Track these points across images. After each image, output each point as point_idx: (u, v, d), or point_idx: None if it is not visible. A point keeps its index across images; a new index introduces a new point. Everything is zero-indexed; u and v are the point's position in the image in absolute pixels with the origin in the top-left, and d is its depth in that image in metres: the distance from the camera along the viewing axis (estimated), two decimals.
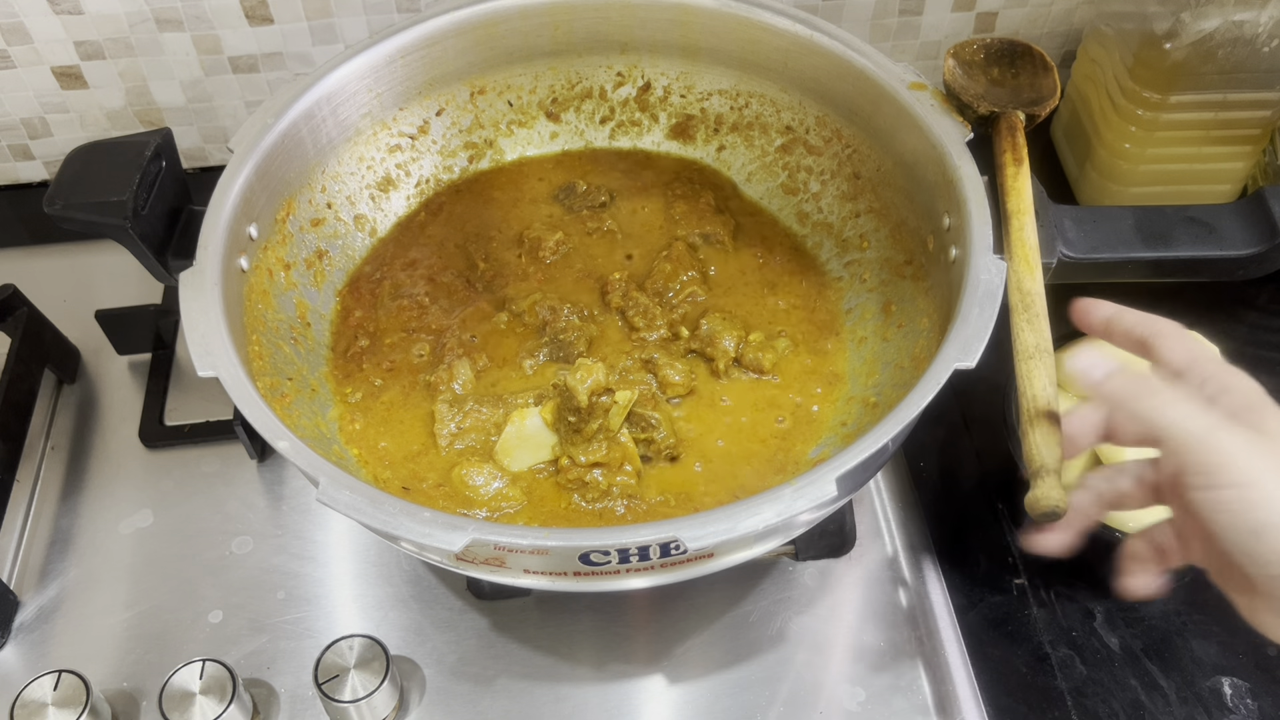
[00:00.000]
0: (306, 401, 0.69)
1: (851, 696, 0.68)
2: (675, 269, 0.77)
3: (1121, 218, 0.70)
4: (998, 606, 0.72)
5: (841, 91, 0.76)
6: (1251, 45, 0.79)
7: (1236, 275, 0.70)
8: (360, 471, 0.68)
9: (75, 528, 0.77)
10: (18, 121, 0.95)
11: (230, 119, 0.98)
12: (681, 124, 0.86)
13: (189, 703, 0.63)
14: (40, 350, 0.82)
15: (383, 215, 0.81)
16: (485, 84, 0.83)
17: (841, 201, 0.79)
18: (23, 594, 0.73)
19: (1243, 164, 0.89)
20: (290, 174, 0.74)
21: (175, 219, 0.68)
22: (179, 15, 0.88)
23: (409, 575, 0.74)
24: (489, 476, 0.67)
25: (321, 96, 0.74)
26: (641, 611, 0.72)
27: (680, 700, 0.68)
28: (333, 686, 0.63)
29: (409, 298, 0.77)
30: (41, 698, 0.63)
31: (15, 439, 0.77)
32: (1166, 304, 0.78)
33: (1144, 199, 0.88)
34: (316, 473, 0.54)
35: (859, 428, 0.68)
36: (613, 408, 0.66)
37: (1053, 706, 0.67)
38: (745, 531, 0.51)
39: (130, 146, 0.67)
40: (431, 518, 0.52)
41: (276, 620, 0.72)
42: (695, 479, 0.67)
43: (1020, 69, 0.75)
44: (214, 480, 0.79)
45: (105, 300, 0.84)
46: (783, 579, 0.73)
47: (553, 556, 0.55)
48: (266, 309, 0.70)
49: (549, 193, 0.84)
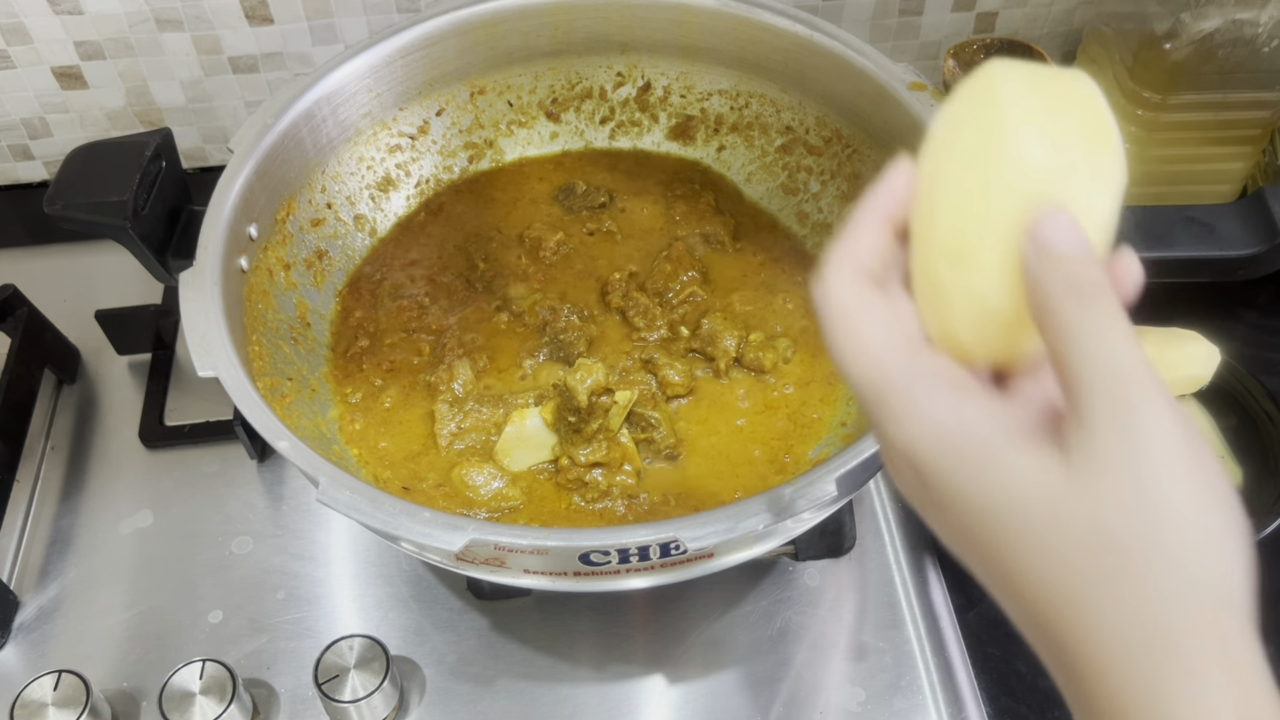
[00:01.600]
0: (306, 401, 0.69)
1: (851, 696, 0.68)
2: (675, 269, 0.77)
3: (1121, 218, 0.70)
4: (998, 606, 0.72)
5: (842, 92, 0.76)
6: (1251, 45, 0.79)
7: (1236, 275, 0.71)
8: (360, 471, 0.68)
9: (75, 528, 0.77)
10: (18, 121, 0.95)
11: (230, 119, 0.98)
12: (681, 124, 0.86)
13: (189, 703, 0.63)
14: (40, 350, 0.82)
15: (383, 215, 0.81)
16: (485, 84, 0.83)
17: (841, 201, 0.79)
18: (23, 594, 0.73)
19: (1243, 164, 0.89)
20: (290, 174, 0.74)
21: (175, 219, 0.68)
22: (179, 15, 0.88)
23: (409, 575, 0.74)
24: (489, 476, 0.67)
25: (321, 96, 0.74)
26: (641, 611, 0.72)
27: (680, 700, 0.68)
28: (333, 686, 0.63)
29: (409, 298, 0.77)
30: (41, 698, 0.63)
31: (15, 439, 0.77)
32: (1166, 304, 0.79)
33: (1144, 199, 0.88)
34: (316, 473, 0.54)
35: (859, 428, 0.68)
36: (613, 408, 0.66)
37: (1053, 706, 0.67)
38: (745, 531, 0.51)
39: (130, 146, 0.67)
40: (431, 518, 0.52)
41: (276, 620, 0.72)
42: (695, 479, 0.67)
43: None
44: (214, 480, 0.79)
45: (105, 300, 0.84)
46: (783, 579, 0.73)
47: (553, 556, 0.55)
48: (266, 309, 0.70)
49: (549, 193, 0.84)
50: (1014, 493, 0.33)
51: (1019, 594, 0.35)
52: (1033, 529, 0.33)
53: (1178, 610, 0.31)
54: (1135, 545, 0.31)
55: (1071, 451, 0.32)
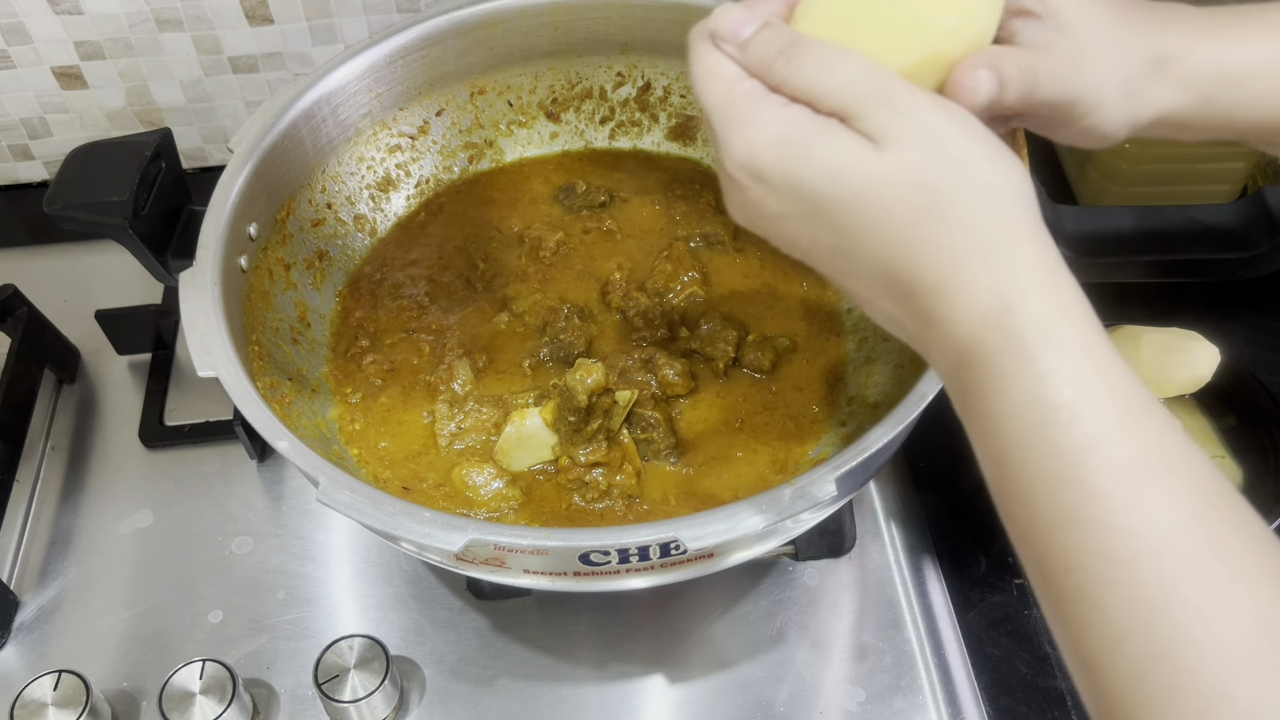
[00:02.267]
0: (306, 401, 0.69)
1: (851, 696, 0.68)
2: (675, 269, 0.77)
3: (1121, 218, 0.70)
4: (998, 606, 0.72)
5: None
6: None
7: (1236, 275, 0.71)
8: (360, 471, 0.68)
9: (75, 528, 0.77)
10: (18, 121, 0.95)
11: (230, 119, 0.98)
12: (682, 124, 0.86)
13: (189, 703, 0.63)
14: (40, 350, 0.82)
15: (383, 215, 0.81)
16: (485, 84, 0.83)
17: None
18: (23, 594, 0.73)
19: (1243, 164, 0.89)
20: (290, 174, 0.74)
21: (175, 219, 0.68)
22: (179, 15, 0.88)
23: (409, 575, 0.74)
24: (489, 476, 0.67)
25: (321, 96, 0.74)
26: (641, 611, 0.72)
27: (680, 700, 0.68)
28: (333, 686, 0.63)
29: (409, 298, 0.77)
30: (41, 698, 0.63)
31: (15, 439, 0.77)
32: (1167, 304, 0.79)
33: (1144, 199, 0.88)
34: (316, 473, 0.54)
35: (859, 428, 0.68)
36: (613, 408, 0.66)
37: (1053, 706, 0.67)
38: (745, 531, 0.51)
39: (130, 146, 0.67)
40: (431, 518, 0.52)
41: (276, 620, 0.72)
42: (695, 479, 0.67)
43: None
44: (214, 480, 0.79)
45: (105, 300, 0.84)
46: (783, 579, 0.73)
47: (553, 556, 0.55)
48: (266, 309, 0.70)
49: (549, 193, 0.84)
50: (840, 168, 0.40)
51: (864, 259, 0.41)
52: (862, 193, 0.40)
53: (991, 218, 0.39)
54: (948, 184, 0.39)
55: (872, 137, 0.40)
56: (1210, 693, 0.32)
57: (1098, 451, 0.36)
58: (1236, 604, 0.34)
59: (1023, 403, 0.37)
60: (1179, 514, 0.35)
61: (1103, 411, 0.36)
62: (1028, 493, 0.37)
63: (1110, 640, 0.35)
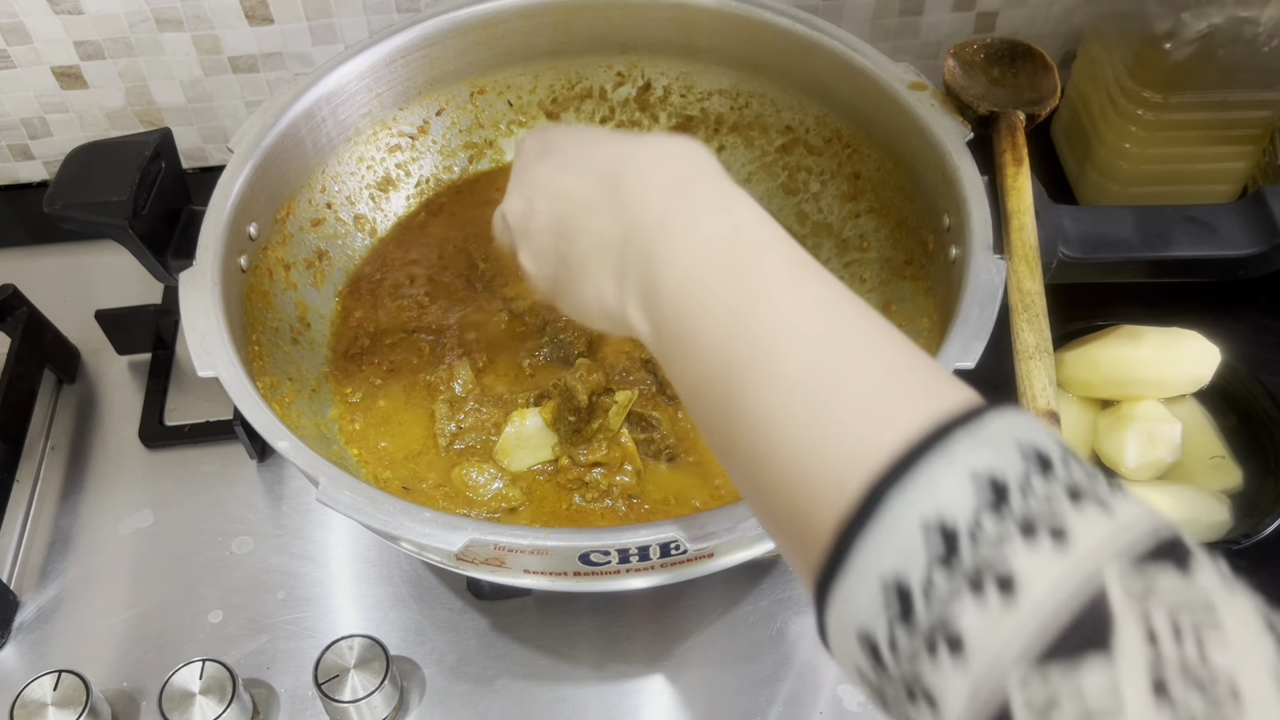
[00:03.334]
0: (306, 401, 0.69)
1: (851, 697, 0.68)
2: None
3: (1121, 218, 0.70)
4: None
5: (841, 91, 0.76)
6: (1251, 45, 0.79)
7: (1236, 275, 0.71)
8: (360, 471, 0.68)
9: (75, 528, 0.77)
10: (18, 121, 0.95)
11: (230, 119, 0.98)
12: (681, 124, 0.86)
13: (189, 703, 0.63)
14: (40, 350, 0.82)
15: (383, 215, 0.81)
16: (485, 84, 0.83)
17: (841, 201, 0.79)
18: (23, 594, 0.73)
19: (1243, 164, 0.89)
20: (290, 174, 0.74)
21: (175, 219, 0.68)
22: (179, 15, 0.88)
23: (409, 575, 0.74)
24: (489, 476, 0.67)
25: (321, 96, 0.74)
26: (641, 611, 0.72)
27: (680, 700, 0.68)
28: (333, 686, 0.63)
29: (409, 298, 0.77)
30: (41, 698, 0.63)
31: (15, 439, 0.77)
32: (1166, 304, 0.79)
33: (1144, 199, 0.88)
34: (316, 473, 0.54)
35: None
36: (613, 408, 0.66)
37: None
38: (745, 531, 0.51)
39: (130, 146, 0.67)
40: (431, 518, 0.52)
41: (276, 620, 0.72)
42: (695, 479, 0.67)
43: (1020, 69, 0.75)
44: (214, 480, 0.79)
45: (105, 300, 0.84)
46: (783, 579, 0.73)
47: (553, 556, 0.55)
48: (266, 309, 0.70)
49: None
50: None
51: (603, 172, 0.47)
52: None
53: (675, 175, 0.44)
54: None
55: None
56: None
57: (768, 254, 0.41)
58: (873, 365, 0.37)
59: (703, 241, 0.42)
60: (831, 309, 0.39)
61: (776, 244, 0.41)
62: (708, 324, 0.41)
63: (765, 425, 0.37)
